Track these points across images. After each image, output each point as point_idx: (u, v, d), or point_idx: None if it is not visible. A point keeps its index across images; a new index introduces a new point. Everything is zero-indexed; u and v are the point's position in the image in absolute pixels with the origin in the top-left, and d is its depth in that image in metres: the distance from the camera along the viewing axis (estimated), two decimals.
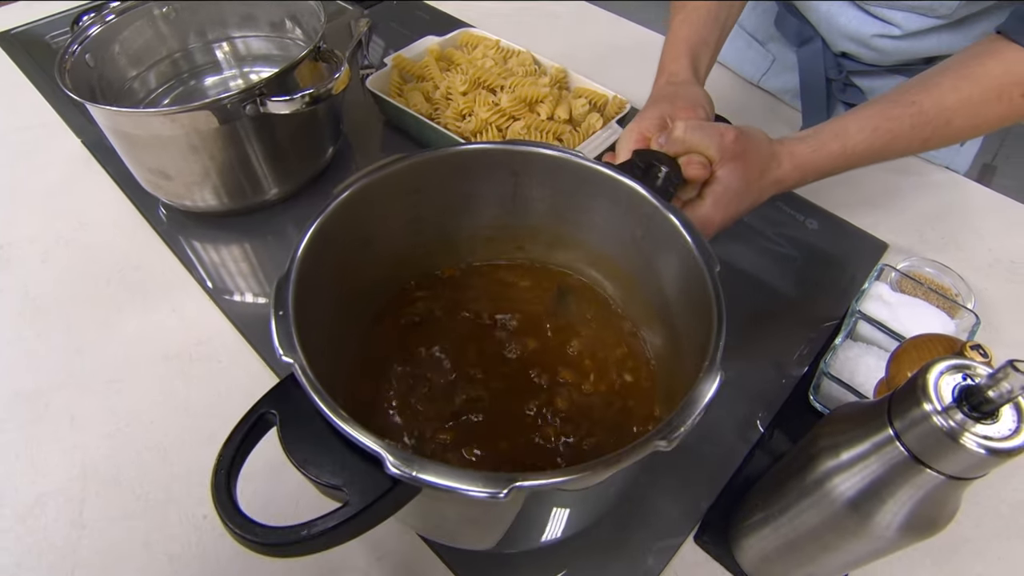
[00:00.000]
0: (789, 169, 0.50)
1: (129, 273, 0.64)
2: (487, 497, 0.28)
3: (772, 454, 0.51)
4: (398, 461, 0.29)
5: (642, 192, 0.44)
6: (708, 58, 0.62)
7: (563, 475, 0.29)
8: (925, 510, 0.31)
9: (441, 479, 0.28)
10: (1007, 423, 0.27)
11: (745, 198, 0.48)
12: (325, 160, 0.72)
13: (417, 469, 0.28)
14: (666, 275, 0.45)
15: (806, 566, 0.39)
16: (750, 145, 0.48)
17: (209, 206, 0.66)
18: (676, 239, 0.42)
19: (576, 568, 0.46)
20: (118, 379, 0.56)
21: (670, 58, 0.60)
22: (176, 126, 0.57)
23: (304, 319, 0.36)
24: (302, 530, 0.29)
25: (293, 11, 0.70)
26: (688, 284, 0.41)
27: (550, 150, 0.46)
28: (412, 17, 0.97)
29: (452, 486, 0.28)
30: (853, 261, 0.65)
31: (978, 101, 0.49)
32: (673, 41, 0.61)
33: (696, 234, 0.41)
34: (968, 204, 0.72)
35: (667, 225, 0.42)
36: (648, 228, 0.45)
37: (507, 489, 0.28)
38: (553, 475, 0.29)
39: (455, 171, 0.48)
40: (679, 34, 0.61)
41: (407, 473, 0.28)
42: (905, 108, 0.50)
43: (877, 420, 0.31)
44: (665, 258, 0.44)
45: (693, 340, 0.39)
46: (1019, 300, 0.62)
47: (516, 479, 0.28)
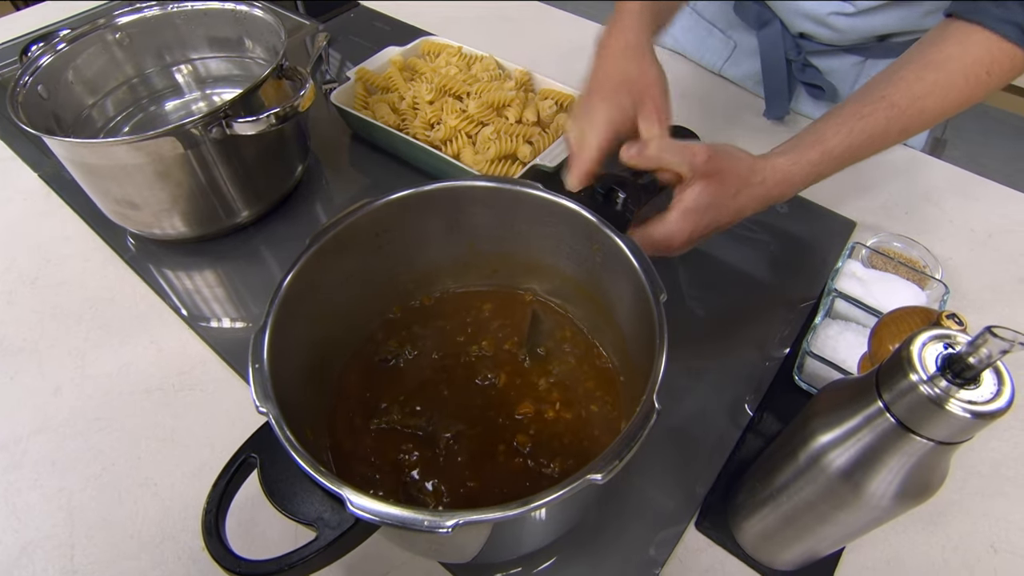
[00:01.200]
0: (773, 184, 0.50)
1: (102, 308, 0.62)
2: (434, 531, 0.31)
3: (763, 436, 0.52)
4: (357, 501, 0.31)
5: (594, 221, 0.45)
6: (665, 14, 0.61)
7: (500, 511, 0.31)
8: (917, 476, 0.32)
9: (393, 512, 0.31)
10: (988, 387, 0.28)
11: (716, 214, 0.49)
12: (294, 179, 0.71)
13: (371, 506, 0.31)
14: (623, 301, 0.46)
15: (806, 541, 0.40)
16: (724, 164, 0.48)
17: (180, 233, 0.65)
18: (627, 265, 0.43)
19: (576, 564, 0.46)
20: (100, 417, 0.54)
21: (626, 11, 0.56)
22: (141, 154, 0.56)
23: (281, 368, 0.38)
24: (283, 561, 0.32)
25: (251, 30, 0.69)
26: (639, 310, 0.42)
27: (510, 185, 0.47)
28: (371, 28, 0.97)
29: (402, 520, 0.31)
30: (824, 241, 0.67)
31: (945, 85, 0.50)
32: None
33: (644, 260, 0.42)
34: (926, 178, 0.75)
35: (619, 252, 0.43)
36: (605, 255, 0.46)
37: (450, 525, 0.30)
38: (492, 511, 0.31)
39: (419, 211, 0.49)
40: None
41: (365, 511, 0.31)
42: (876, 104, 0.51)
43: (866, 394, 0.32)
44: (621, 284, 0.45)
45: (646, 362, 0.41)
46: (982, 266, 0.64)
47: (458, 516, 0.31)
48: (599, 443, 0.47)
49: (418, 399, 0.49)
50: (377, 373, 0.51)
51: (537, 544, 0.45)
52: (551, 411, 0.48)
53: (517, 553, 0.46)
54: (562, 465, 0.45)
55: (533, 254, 0.52)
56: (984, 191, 0.73)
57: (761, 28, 0.78)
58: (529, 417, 0.48)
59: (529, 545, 0.45)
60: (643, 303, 0.41)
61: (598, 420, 0.48)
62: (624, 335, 0.48)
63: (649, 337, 0.41)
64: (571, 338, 0.53)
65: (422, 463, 0.46)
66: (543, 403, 0.49)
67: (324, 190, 0.75)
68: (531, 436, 0.47)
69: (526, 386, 0.50)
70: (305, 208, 0.72)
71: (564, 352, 0.52)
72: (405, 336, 0.53)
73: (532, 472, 0.45)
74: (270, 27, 0.65)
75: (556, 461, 0.46)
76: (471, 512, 0.31)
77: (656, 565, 0.46)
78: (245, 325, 0.61)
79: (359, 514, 0.31)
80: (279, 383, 0.37)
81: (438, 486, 0.45)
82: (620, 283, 0.45)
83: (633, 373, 0.48)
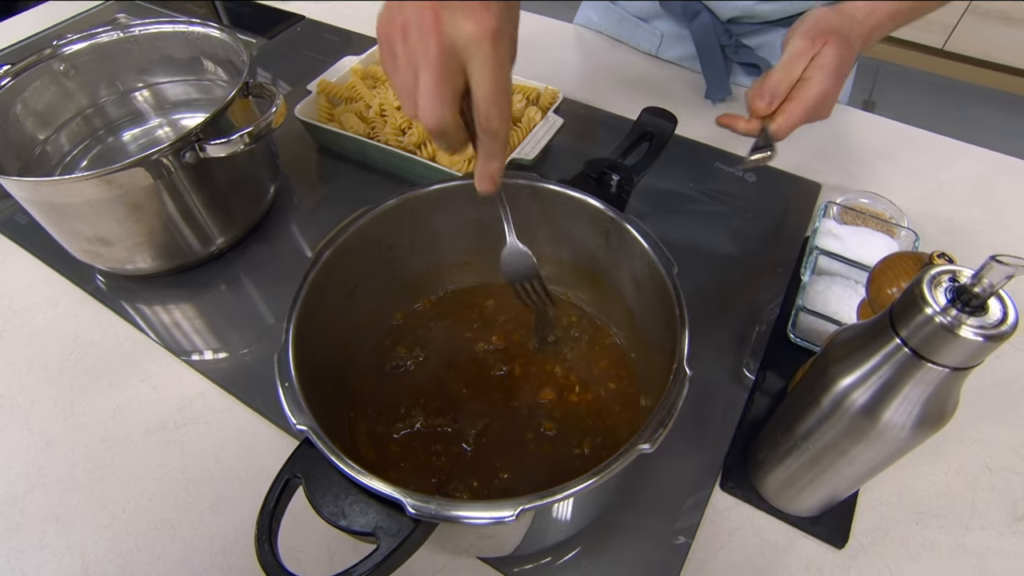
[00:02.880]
0: (866, 20, 0.52)
1: (83, 353, 0.59)
2: (501, 522, 0.31)
3: (769, 394, 0.54)
4: (416, 503, 0.31)
5: (598, 205, 0.46)
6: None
7: (562, 492, 0.32)
8: (934, 405, 0.35)
9: (457, 512, 0.31)
10: (995, 313, 0.30)
11: (844, 54, 0.50)
12: (268, 200, 0.70)
13: (434, 507, 0.31)
14: (632, 280, 0.47)
15: (830, 483, 0.42)
16: (821, 21, 0.50)
17: (154, 267, 0.62)
18: (635, 246, 0.44)
19: (618, 537, 0.47)
20: (101, 465, 0.52)
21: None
22: (111, 188, 0.53)
23: (306, 384, 0.38)
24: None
25: (208, 51, 0.67)
26: (651, 286, 0.43)
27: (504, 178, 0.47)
28: (322, 41, 0.95)
29: (469, 517, 0.31)
30: (794, 204, 0.70)
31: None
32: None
33: (651, 238, 0.44)
34: (878, 136, 0.79)
35: (625, 234, 0.45)
36: (609, 237, 0.47)
37: (516, 512, 0.31)
38: (554, 493, 0.32)
39: (416, 214, 0.49)
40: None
41: (427, 512, 0.31)
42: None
43: (882, 334, 0.34)
44: (628, 263, 0.46)
45: (662, 336, 0.42)
46: (940, 212, 0.69)
47: (523, 503, 0.31)
48: (621, 419, 0.48)
49: (438, 399, 0.49)
50: (391, 380, 0.50)
51: (574, 529, 0.46)
52: (572, 395, 0.49)
53: (554, 540, 0.46)
54: (591, 445, 0.46)
55: (532, 244, 0.52)
56: (931, 144, 0.78)
57: (691, 21, 0.81)
58: (552, 402, 0.49)
59: (566, 531, 0.46)
60: (655, 278, 0.43)
61: (617, 397, 0.49)
62: (632, 312, 0.49)
63: (661, 310, 0.43)
64: (578, 322, 0.54)
65: (452, 461, 0.46)
66: (563, 388, 0.49)
67: (297, 208, 0.74)
68: (556, 421, 0.48)
69: (542, 374, 0.50)
70: (281, 228, 0.71)
71: (573, 337, 0.53)
72: (412, 340, 0.53)
73: (562, 456, 0.46)
74: (228, 46, 0.63)
75: (584, 443, 0.46)
76: (534, 497, 0.31)
77: (691, 530, 0.47)
78: (238, 353, 0.59)
79: (419, 515, 0.31)
80: (310, 399, 0.36)
81: (471, 482, 0.45)
82: (627, 262, 0.46)
83: (644, 348, 0.49)
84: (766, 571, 0.45)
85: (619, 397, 0.49)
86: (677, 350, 0.37)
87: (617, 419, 0.48)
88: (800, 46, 0.50)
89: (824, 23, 0.51)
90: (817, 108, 0.50)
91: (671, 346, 0.40)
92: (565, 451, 0.46)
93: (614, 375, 0.50)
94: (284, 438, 0.53)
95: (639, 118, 0.56)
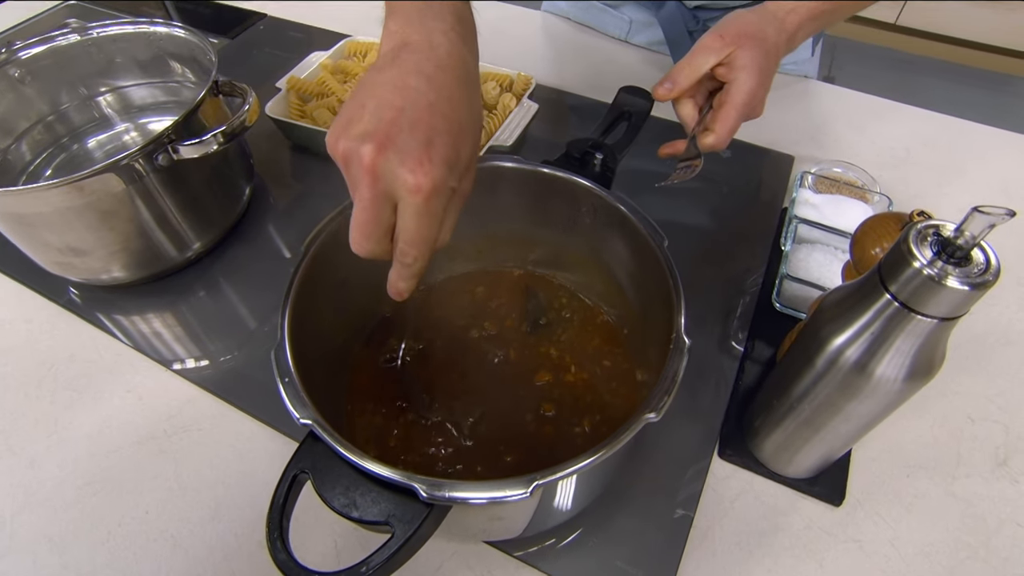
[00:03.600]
0: (784, 13, 0.53)
1: (62, 367, 0.57)
2: (514, 499, 0.31)
3: (759, 362, 0.55)
4: (430, 487, 0.31)
5: (585, 184, 0.46)
6: None
7: (573, 465, 0.32)
8: (923, 356, 0.36)
9: (471, 494, 0.31)
10: (978, 263, 0.32)
11: (767, 53, 0.50)
12: (244, 202, 0.68)
13: (447, 490, 0.31)
14: (621, 256, 0.48)
15: (826, 441, 0.43)
16: (737, 25, 0.51)
17: (130, 275, 0.60)
18: (624, 222, 0.45)
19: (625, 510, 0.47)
20: (91, 480, 0.50)
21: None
22: (82, 195, 0.52)
23: (304, 380, 0.37)
24: (361, 568, 0.31)
25: (173, 51, 0.65)
26: (642, 261, 0.44)
27: (488, 161, 0.47)
28: (286, 39, 0.93)
29: (483, 497, 0.31)
30: (768, 177, 0.72)
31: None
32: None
33: (639, 213, 0.44)
34: (843, 108, 0.81)
35: (614, 211, 0.45)
36: (597, 215, 0.47)
37: (530, 488, 0.31)
38: (565, 467, 0.32)
39: None
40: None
41: (441, 496, 0.31)
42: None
43: (872, 291, 0.35)
44: (616, 240, 0.46)
45: (654, 311, 0.43)
46: (908, 177, 0.71)
47: (535, 478, 0.31)
48: (618, 395, 0.49)
49: (435, 389, 0.49)
50: (387, 373, 0.50)
51: (579, 507, 0.46)
52: (568, 375, 0.49)
53: (560, 520, 0.46)
54: (590, 423, 0.47)
55: (517, 228, 0.52)
56: (894, 113, 0.80)
57: (659, 8, 0.82)
58: (549, 384, 0.49)
59: (572, 510, 0.46)
60: (644, 253, 0.43)
61: (613, 374, 0.50)
62: (623, 288, 0.49)
63: (653, 284, 0.43)
64: (568, 303, 0.54)
65: (455, 450, 0.46)
66: (559, 369, 0.50)
67: (274, 208, 0.72)
68: (554, 401, 0.48)
69: (537, 356, 0.51)
70: (258, 230, 0.70)
71: (564, 318, 0.53)
72: (404, 332, 0.52)
73: (563, 435, 0.46)
74: (194, 46, 0.61)
75: (584, 421, 0.47)
76: (546, 472, 0.31)
77: (693, 499, 0.48)
78: (224, 357, 0.58)
79: (433, 498, 0.31)
80: (312, 393, 0.36)
81: (475, 468, 0.45)
82: (615, 239, 0.46)
83: (636, 323, 0.50)
84: (769, 534, 0.47)
85: (615, 374, 0.50)
86: (674, 321, 0.37)
87: (614, 395, 0.48)
88: (707, 41, 0.51)
89: (739, 26, 0.51)
90: (748, 108, 0.51)
91: (664, 319, 0.41)
92: (566, 431, 0.47)
93: (608, 352, 0.51)
94: (280, 439, 0.52)
95: (616, 98, 0.56)
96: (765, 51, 0.51)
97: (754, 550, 0.46)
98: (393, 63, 0.33)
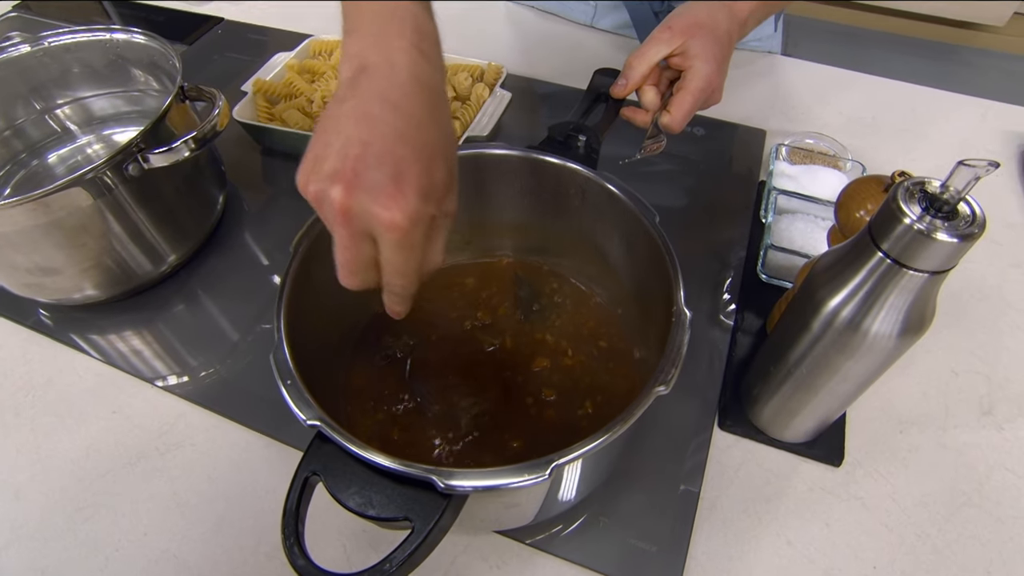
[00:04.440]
0: (737, 5, 0.54)
1: (40, 393, 0.55)
2: (534, 483, 0.30)
3: (750, 333, 0.56)
4: (445, 478, 0.31)
5: (573, 166, 0.46)
6: None
7: (588, 444, 0.32)
8: (915, 311, 0.37)
9: (489, 481, 0.31)
10: (965, 217, 0.33)
11: (719, 39, 0.52)
12: (218, 210, 0.66)
13: (465, 479, 0.31)
14: (612, 236, 0.48)
15: (824, 402, 0.44)
16: (688, 17, 0.52)
17: (104, 293, 0.58)
18: (614, 201, 0.45)
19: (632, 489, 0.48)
20: (82, 507, 0.48)
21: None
22: (49, 212, 0.50)
23: (305, 380, 0.36)
24: (384, 566, 0.31)
25: (132, 58, 0.62)
26: (633, 239, 0.44)
27: (471, 149, 0.47)
28: (246, 42, 0.91)
29: (502, 483, 0.31)
30: (742, 151, 0.73)
31: None
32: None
33: (629, 191, 0.44)
34: (807, 80, 0.83)
35: (603, 191, 0.45)
36: (585, 197, 0.47)
37: (548, 471, 0.30)
38: (581, 447, 0.32)
39: None
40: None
41: (459, 486, 0.31)
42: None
43: (863, 251, 0.36)
44: (606, 220, 0.47)
45: (647, 287, 0.43)
46: (877, 144, 0.73)
47: (553, 460, 0.31)
48: (618, 375, 0.49)
49: (434, 383, 0.48)
50: (383, 371, 0.49)
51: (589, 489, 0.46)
52: (566, 359, 0.49)
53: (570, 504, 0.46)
54: (593, 405, 0.47)
55: (505, 215, 0.52)
56: (856, 83, 0.83)
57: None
58: (547, 369, 0.49)
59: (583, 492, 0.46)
60: (636, 231, 0.43)
61: (610, 355, 0.50)
62: (614, 269, 0.49)
63: (645, 261, 0.43)
64: (559, 288, 0.54)
65: (459, 443, 0.45)
66: (556, 353, 0.50)
67: (248, 214, 0.70)
68: (554, 386, 0.48)
69: (533, 343, 0.50)
70: (234, 238, 0.68)
71: (557, 303, 0.53)
72: (398, 328, 0.51)
73: (566, 418, 0.46)
74: (155, 51, 0.59)
75: (587, 403, 0.47)
76: (563, 453, 0.31)
77: (698, 472, 0.48)
78: (211, 369, 0.56)
79: (450, 489, 0.30)
80: (316, 394, 0.35)
81: (482, 458, 0.45)
82: (605, 219, 0.46)
83: (629, 302, 0.50)
84: (774, 499, 0.47)
85: (612, 354, 0.50)
86: (674, 295, 0.38)
87: (614, 375, 0.49)
88: (657, 33, 0.52)
89: (689, 17, 0.52)
90: (704, 93, 0.52)
91: (659, 296, 0.41)
92: (569, 414, 0.47)
93: (603, 334, 0.51)
94: (275, 446, 0.51)
95: (592, 80, 0.56)
96: (717, 38, 0.52)
97: (762, 516, 0.47)
98: (354, 92, 0.31)
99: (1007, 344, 0.57)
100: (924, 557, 0.45)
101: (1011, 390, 0.54)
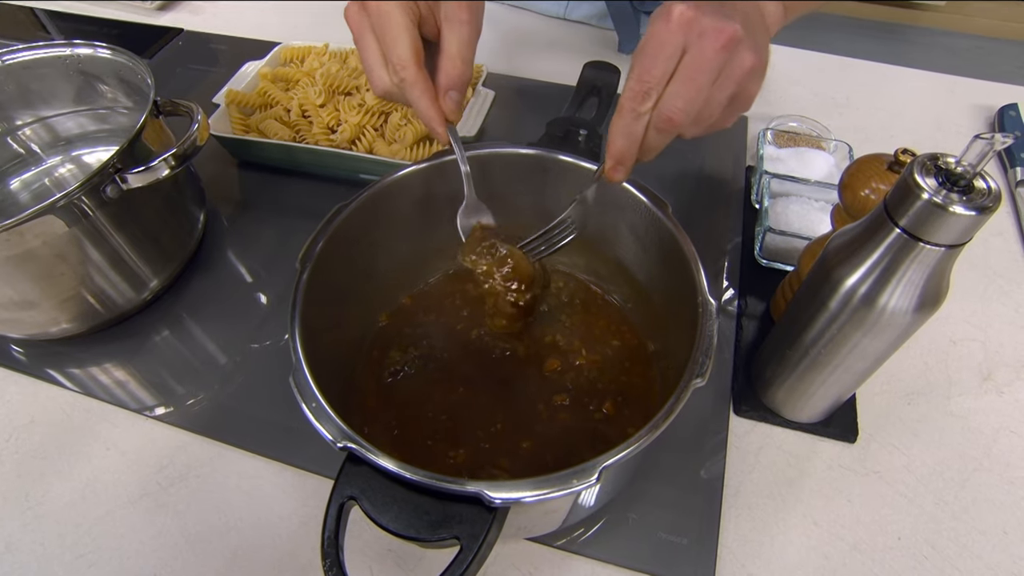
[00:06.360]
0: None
1: (23, 436, 0.52)
2: (584, 488, 0.30)
3: (755, 317, 0.57)
4: (494, 491, 0.30)
5: (578, 162, 0.45)
6: None
7: (635, 443, 0.31)
8: (932, 285, 0.37)
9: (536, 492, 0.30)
10: (981, 190, 0.33)
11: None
12: (199, 230, 0.63)
13: (513, 491, 0.30)
14: (622, 230, 0.47)
15: (840, 379, 0.45)
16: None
17: (83, 325, 0.55)
18: (623, 194, 0.44)
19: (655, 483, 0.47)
20: (81, 554, 0.46)
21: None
22: (22, 242, 0.46)
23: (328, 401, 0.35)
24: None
25: (98, 73, 0.59)
26: (645, 232, 0.43)
27: (475, 150, 0.46)
28: (209, 52, 0.88)
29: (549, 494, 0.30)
30: (725, 138, 0.73)
31: None
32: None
33: (639, 183, 0.43)
34: (780, 65, 0.84)
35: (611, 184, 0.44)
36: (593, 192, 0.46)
37: (595, 475, 0.30)
38: (628, 446, 0.31)
39: (389, 204, 0.47)
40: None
41: (508, 498, 0.30)
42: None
43: (880, 227, 0.36)
44: (615, 215, 0.46)
45: (659, 281, 0.42)
46: (856, 124, 0.75)
47: (600, 463, 0.30)
48: (634, 373, 0.48)
49: (449, 394, 0.47)
50: (394, 388, 0.48)
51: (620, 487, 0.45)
52: (580, 358, 0.48)
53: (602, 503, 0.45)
54: (612, 404, 0.46)
55: (508, 217, 0.51)
56: (826, 64, 0.84)
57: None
58: (559, 371, 0.48)
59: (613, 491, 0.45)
60: (649, 222, 0.43)
61: (624, 352, 0.49)
62: (623, 264, 0.49)
63: (657, 254, 0.43)
64: (567, 287, 0.53)
65: (479, 453, 0.44)
66: (568, 354, 0.49)
67: (229, 232, 0.68)
68: (569, 389, 0.47)
69: (545, 345, 0.50)
70: (216, 257, 0.65)
71: (565, 303, 0.52)
72: (404, 341, 0.50)
73: (586, 421, 0.46)
74: (122, 66, 0.56)
75: (605, 403, 0.46)
76: (610, 455, 0.30)
77: (719, 460, 0.48)
78: (207, 396, 0.54)
79: (500, 501, 0.29)
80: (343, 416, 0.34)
81: (503, 465, 0.44)
82: (613, 214, 0.46)
83: (640, 297, 0.50)
84: (796, 480, 0.48)
85: (626, 352, 0.49)
86: (697, 283, 0.37)
87: (631, 374, 0.48)
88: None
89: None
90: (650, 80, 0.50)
91: (674, 285, 0.41)
92: (587, 416, 0.46)
93: (615, 331, 0.51)
94: (287, 471, 0.49)
95: (583, 74, 0.56)
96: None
97: (786, 498, 0.47)
98: None
99: (997, 311, 0.58)
100: (945, 524, 0.46)
101: (1006, 355, 0.55)
